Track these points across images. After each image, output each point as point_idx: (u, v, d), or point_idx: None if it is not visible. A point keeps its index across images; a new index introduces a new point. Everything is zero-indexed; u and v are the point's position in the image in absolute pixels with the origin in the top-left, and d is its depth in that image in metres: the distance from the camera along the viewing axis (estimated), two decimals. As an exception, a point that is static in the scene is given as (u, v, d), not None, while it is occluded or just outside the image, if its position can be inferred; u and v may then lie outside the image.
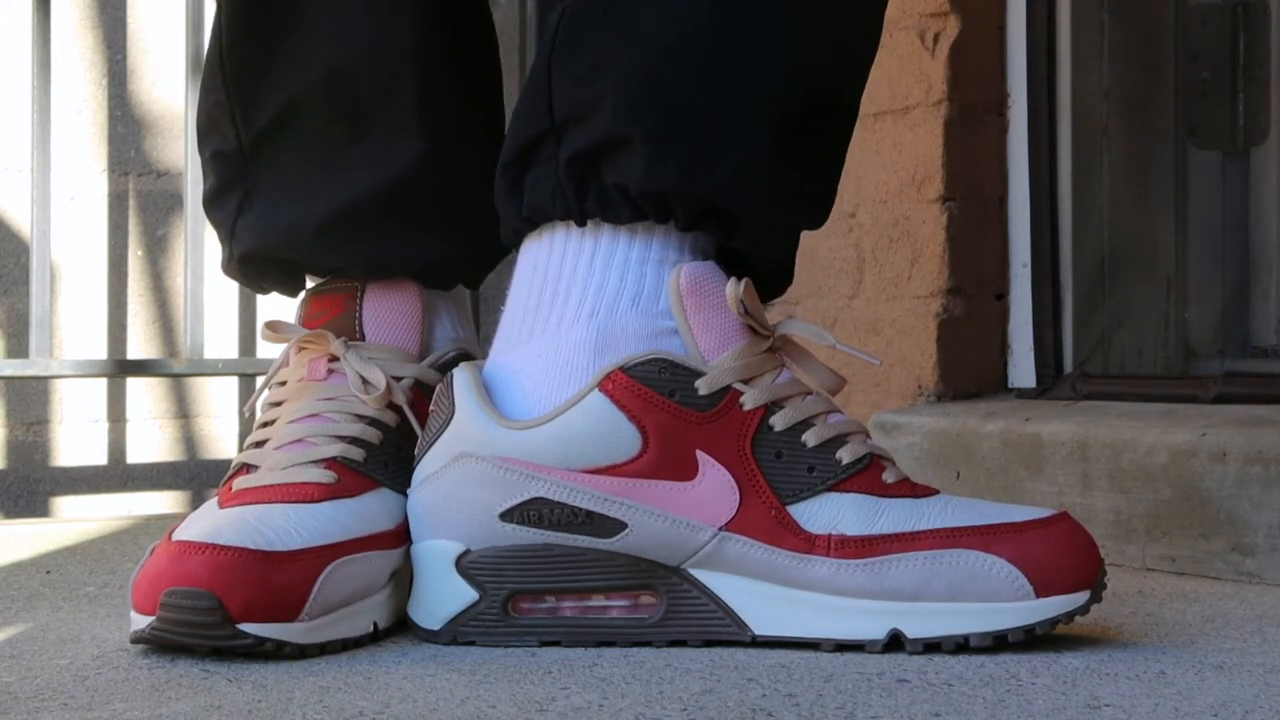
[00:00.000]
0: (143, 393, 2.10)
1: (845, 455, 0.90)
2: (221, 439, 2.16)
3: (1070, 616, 0.88)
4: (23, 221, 1.99)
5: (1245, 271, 1.62)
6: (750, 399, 0.89)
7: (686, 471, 0.89)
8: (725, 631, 0.90)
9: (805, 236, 1.80)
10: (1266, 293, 1.60)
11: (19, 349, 2.01)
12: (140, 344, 2.10)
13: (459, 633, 0.92)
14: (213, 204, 1.07)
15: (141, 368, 1.98)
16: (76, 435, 2.07)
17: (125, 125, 2.10)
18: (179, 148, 2.08)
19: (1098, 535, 1.31)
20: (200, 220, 1.96)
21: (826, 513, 0.89)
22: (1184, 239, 1.62)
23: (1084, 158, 1.58)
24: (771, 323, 0.92)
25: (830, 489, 0.89)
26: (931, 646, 0.88)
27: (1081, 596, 0.88)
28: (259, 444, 0.97)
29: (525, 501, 0.90)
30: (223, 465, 2.15)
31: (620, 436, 0.89)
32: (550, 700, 0.78)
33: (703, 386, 0.89)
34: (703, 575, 0.90)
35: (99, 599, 1.12)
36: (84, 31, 2.08)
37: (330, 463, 0.95)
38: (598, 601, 0.91)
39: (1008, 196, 1.60)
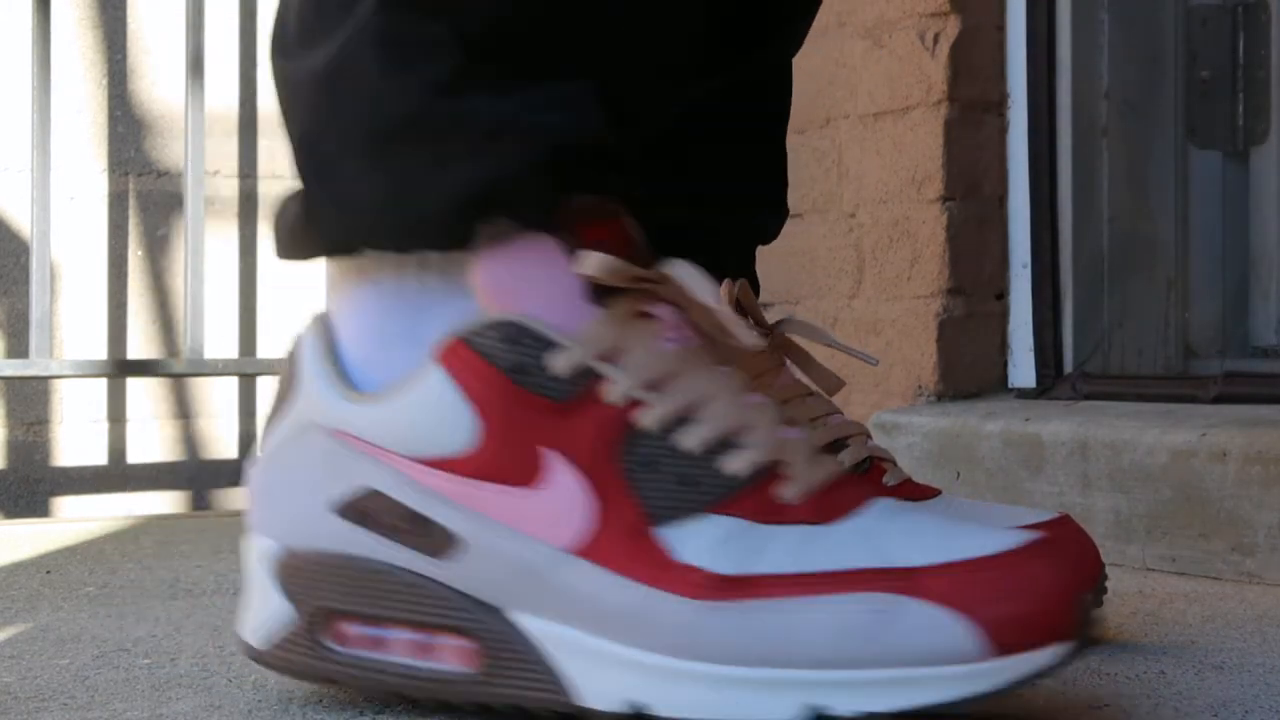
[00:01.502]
0: (143, 393, 2.10)
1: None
2: (221, 439, 2.16)
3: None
4: (23, 221, 1.99)
5: (1245, 271, 1.62)
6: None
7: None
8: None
9: (805, 236, 1.80)
10: (1266, 293, 1.59)
11: (19, 349, 2.01)
12: (140, 344, 2.10)
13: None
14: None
15: (141, 368, 1.98)
16: (76, 435, 2.07)
17: (125, 125, 2.10)
18: (179, 148, 2.08)
19: (1098, 535, 1.31)
20: (200, 220, 1.96)
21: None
22: (1184, 239, 1.62)
23: (1084, 158, 1.58)
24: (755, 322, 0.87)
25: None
26: None
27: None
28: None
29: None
30: (223, 465, 2.16)
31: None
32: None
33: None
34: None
35: (99, 599, 1.12)
36: (84, 31, 2.08)
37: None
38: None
39: (1008, 196, 1.60)
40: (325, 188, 0.75)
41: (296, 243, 0.77)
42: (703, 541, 0.68)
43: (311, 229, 0.76)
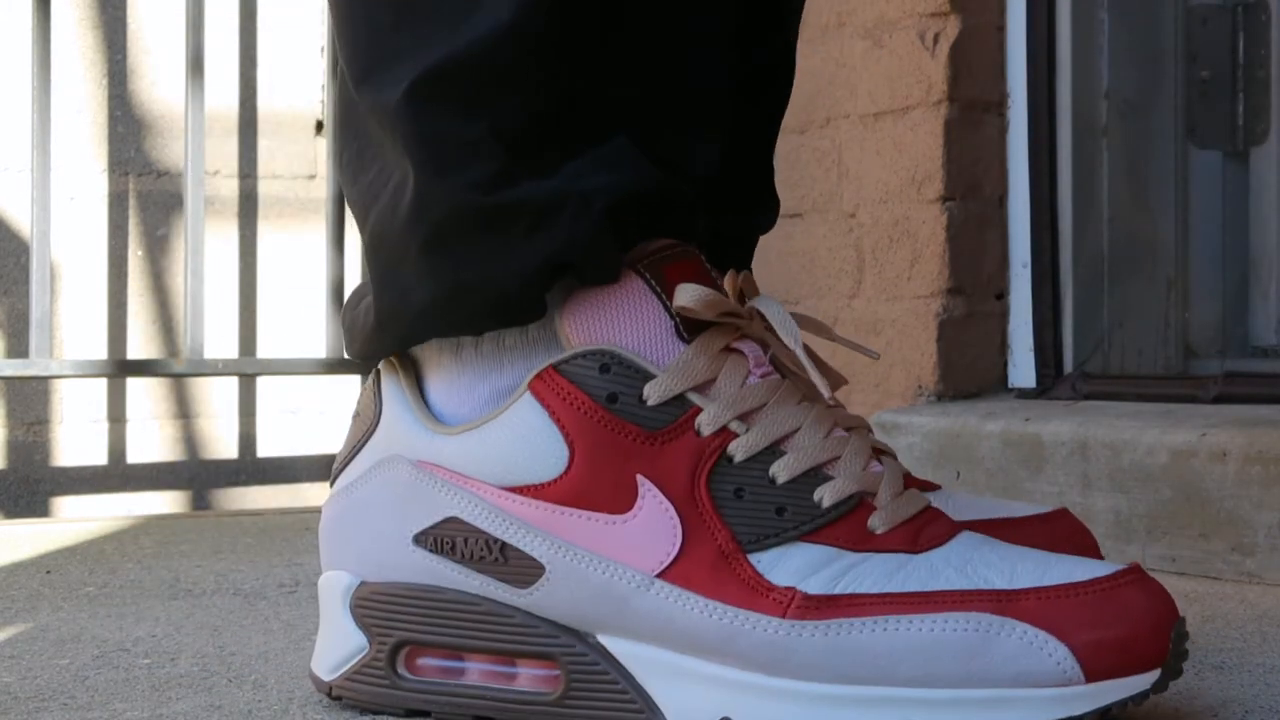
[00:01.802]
0: (143, 393, 2.10)
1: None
2: (221, 439, 2.16)
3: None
4: (23, 221, 1.99)
5: (1245, 271, 1.62)
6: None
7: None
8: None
9: (805, 236, 1.80)
10: (1266, 293, 1.59)
11: (19, 349, 2.01)
12: (140, 344, 2.10)
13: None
14: None
15: (141, 368, 1.98)
16: (76, 435, 2.07)
17: (125, 125, 2.10)
18: (179, 148, 2.08)
19: (1098, 535, 1.31)
20: (200, 220, 1.96)
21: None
22: (1184, 239, 1.62)
23: (1084, 158, 1.58)
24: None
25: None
26: None
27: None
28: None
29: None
30: (223, 465, 2.16)
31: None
32: (550, 700, 0.78)
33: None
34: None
35: (99, 599, 1.12)
36: (84, 31, 2.08)
37: None
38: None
39: (1008, 196, 1.60)
40: (390, 292, 0.76)
41: (369, 343, 0.79)
42: (794, 566, 0.69)
43: (381, 331, 0.77)
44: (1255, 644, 0.94)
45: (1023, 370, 1.59)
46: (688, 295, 0.72)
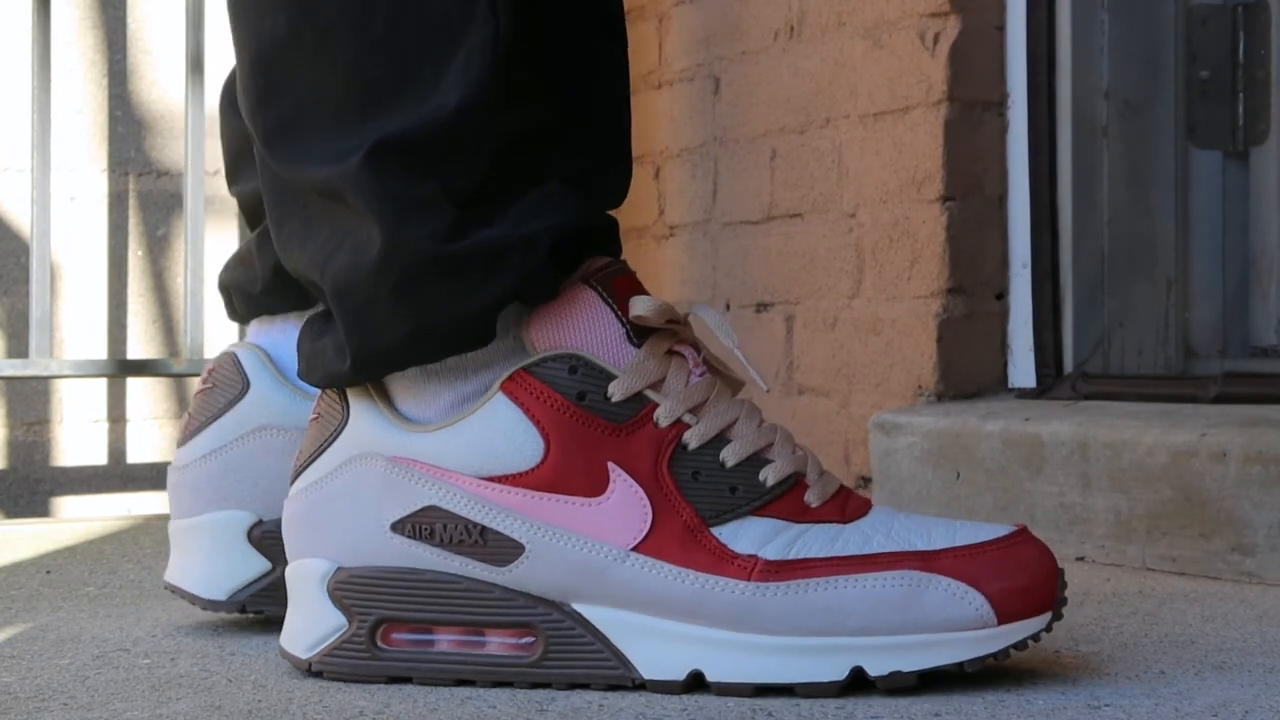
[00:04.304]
0: (143, 393, 2.10)
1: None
2: (221, 439, 2.16)
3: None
4: (23, 221, 1.99)
5: (1245, 271, 1.62)
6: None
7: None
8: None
9: (805, 236, 1.80)
10: (1266, 293, 1.59)
11: (19, 349, 2.01)
12: (140, 344, 2.10)
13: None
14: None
15: (141, 368, 1.98)
16: (76, 435, 2.07)
17: (125, 125, 2.10)
18: (179, 148, 2.08)
19: (1098, 535, 1.31)
20: (200, 220, 1.96)
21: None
22: (1184, 239, 1.62)
23: (1084, 158, 1.58)
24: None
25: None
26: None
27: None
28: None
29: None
30: (223, 465, 2.15)
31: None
32: (550, 700, 0.78)
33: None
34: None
35: (99, 599, 1.12)
36: (84, 31, 2.08)
37: None
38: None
39: (1008, 196, 1.60)
40: (360, 335, 0.83)
41: (335, 378, 0.85)
42: (752, 536, 0.80)
43: (354, 370, 0.84)
44: (1255, 644, 0.94)
45: (1023, 370, 1.59)
46: (642, 305, 0.82)
